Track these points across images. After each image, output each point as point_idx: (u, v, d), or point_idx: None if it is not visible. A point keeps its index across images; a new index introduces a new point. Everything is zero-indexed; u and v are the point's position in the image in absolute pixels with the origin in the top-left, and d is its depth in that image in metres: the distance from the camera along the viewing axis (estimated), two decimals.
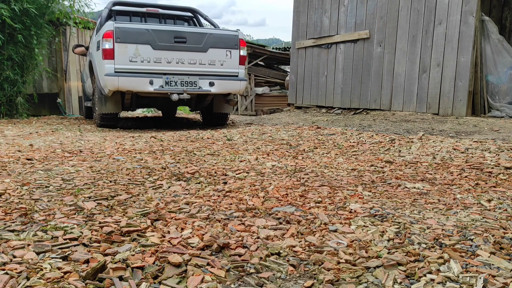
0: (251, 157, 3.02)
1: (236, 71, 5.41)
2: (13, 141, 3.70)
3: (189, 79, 5.14)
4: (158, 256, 1.22)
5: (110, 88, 4.92)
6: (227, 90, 5.38)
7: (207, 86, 5.23)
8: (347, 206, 1.79)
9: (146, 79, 4.94)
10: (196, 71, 5.19)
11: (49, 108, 8.65)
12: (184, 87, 5.10)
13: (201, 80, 5.19)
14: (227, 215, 1.63)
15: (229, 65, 5.34)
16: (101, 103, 5.22)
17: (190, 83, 5.15)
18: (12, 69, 6.71)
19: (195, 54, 5.15)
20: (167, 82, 5.03)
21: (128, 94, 5.16)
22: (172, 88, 5.05)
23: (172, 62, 5.05)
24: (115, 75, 4.85)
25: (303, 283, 1.10)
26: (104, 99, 5.19)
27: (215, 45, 5.25)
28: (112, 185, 2.11)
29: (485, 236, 1.46)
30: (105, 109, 5.24)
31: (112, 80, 4.87)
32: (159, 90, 4.98)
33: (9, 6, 6.24)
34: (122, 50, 4.88)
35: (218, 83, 5.27)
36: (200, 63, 5.18)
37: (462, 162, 2.95)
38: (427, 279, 1.12)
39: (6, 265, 1.14)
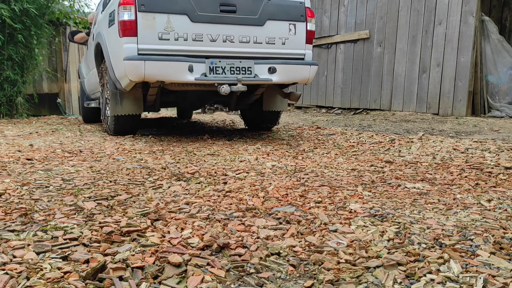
0: (251, 157, 3.02)
1: (302, 52, 3.88)
2: (13, 141, 3.70)
3: (241, 64, 3.60)
4: (158, 256, 1.22)
5: (132, 77, 3.42)
6: (293, 79, 3.83)
7: (265, 74, 3.68)
8: (347, 206, 1.79)
9: (184, 64, 3.43)
10: (250, 53, 3.69)
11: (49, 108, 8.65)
12: (236, 75, 3.58)
13: (258, 66, 3.66)
14: (227, 215, 1.63)
15: (293, 43, 3.82)
16: (115, 102, 3.83)
17: (243, 70, 3.62)
18: (12, 69, 6.71)
19: (249, 29, 3.65)
20: (211, 69, 3.50)
21: (154, 88, 3.68)
22: (220, 77, 3.52)
23: (218, 40, 3.54)
24: (139, 59, 3.35)
25: (303, 283, 1.10)
26: (119, 95, 3.81)
27: (274, 16, 3.74)
28: (112, 185, 2.11)
29: (485, 236, 1.46)
30: (121, 109, 3.85)
31: (135, 66, 3.36)
32: (201, 79, 3.45)
33: (9, 6, 6.24)
34: (149, 22, 3.39)
35: (282, 69, 3.72)
36: (255, 41, 3.68)
37: (462, 162, 2.95)
38: (427, 279, 1.12)
39: (6, 265, 1.14)
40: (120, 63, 3.49)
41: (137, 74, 3.40)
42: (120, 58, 3.47)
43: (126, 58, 3.39)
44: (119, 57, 3.50)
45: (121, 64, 3.48)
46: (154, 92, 3.81)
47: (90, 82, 5.52)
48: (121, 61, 3.45)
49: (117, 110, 3.88)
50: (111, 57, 3.76)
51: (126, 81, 3.55)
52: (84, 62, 6.28)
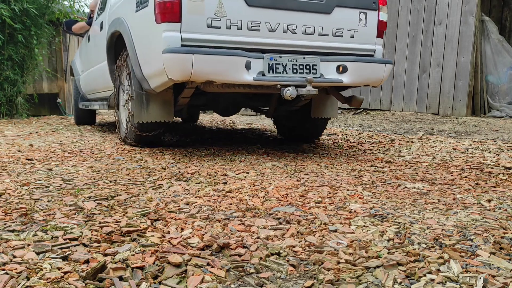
0: (251, 157, 3.02)
1: (372, 48, 3.13)
2: (13, 141, 3.70)
3: (305, 61, 2.86)
4: (158, 256, 1.22)
5: (173, 75, 2.62)
6: (365, 80, 3.08)
7: (333, 73, 2.94)
8: (347, 206, 1.79)
9: (241, 59, 2.67)
10: (314, 47, 2.94)
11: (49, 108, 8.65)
12: (299, 75, 2.83)
13: (324, 63, 2.92)
14: (227, 215, 1.63)
15: (362, 37, 3.08)
16: (140, 106, 3.07)
17: (307, 68, 2.87)
18: (12, 69, 6.71)
19: (314, 17, 2.91)
20: (270, 66, 2.76)
21: (190, 89, 2.92)
22: (282, 77, 2.78)
23: (278, 30, 2.81)
24: (186, 52, 2.55)
25: (303, 283, 1.10)
26: (145, 98, 3.06)
27: (343, 2, 3.02)
28: (112, 185, 2.11)
29: (485, 236, 1.46)
30: (147, 115, 3.08)
31: (179, 60, 2.57)
32: (261, 80, 2.72)
33: (9, 6, 6.24)
34: (196, 5, 2.64)
35: (354, 67, 2.96)
36: (320, 32, 2.93)
37: (462, 162, 2.95)
38: (427, 279, 1.12)
39: (6, 265, 1.14)
40: (152, 57, 2.77)
41: (181, 71, 2.58)
42: (153, 50, 2.73)
43: (166, 50, 2.56)
44: (152, 49, 2.75)
45: (155, 58, 2.72)
46: (189, 94, 3.01)
47: (88, 80, 4.91)
48: (155, 55, 2.69)
49: (142, 116, 3.07)
50: (137, 50, 2.99)
51: (160, 80, 2.78)
52: (79, 56, 5.52)
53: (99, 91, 4.55)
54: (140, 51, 2.99)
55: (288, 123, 4.11)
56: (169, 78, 2.65)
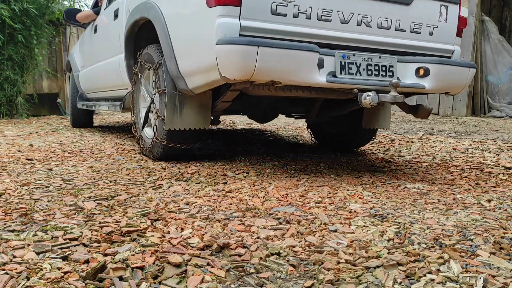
0: (251, 157, 3.02)
1: (450, 48, 2.66)
2: (13, 141, 3.70)
3: (380, 61, 2.39)
4: (158, 256, 1.22)
5: (230, 73, 2.09)
6: (447, 86, 2.56)
7: (411, 77, 2.46)
8: (347, 206, 1.79)
9: (313, 55, 2.15)
10: (390, 45, 2.47)
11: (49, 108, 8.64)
12: (375, 77, 2.35)
13: (401, 64, 2.45)
14: (227, 215, 1.64)
15: (441, 34, 2.61)
16: (172, 110, 2.56)
17: (383, 70, 2.39)
18: (12, 69, 6.70)
19: (392, 8, 2.44)
20: (343, 66, 2.26)
21: (234, 91, 2.45)
22: (359, 80, 2.29)
23: (351, 21, 2.33)
24: (249, 43, 2.05)
25: (303, 283, 1.10)
26: (179, 100, 2.57)
27: None
28: (112, 185, 2.11)
29: (485, 236, 1.46)
30: (181, 121, 2.59)
31: (240, 54, 2.04)
32: (335, 82, 2.21)
33: (9, 6, 6.24)
34: None
35: (436, 71, 2.44)
36: (397, 27, 2.46)
37: (462, 162, 2.95)
38: (427, 279, 1.12)
39: (6, 265, 1.14)
40: (196, 50, 2.28)
41: (242, 68, 2.03)
42: (198, 41, 2.25)
43: (222, 41, 2.04)
44: (196, 39, 2.26)
45: (200, 51, 2.24)
46: (232, 98, 2.55)
47: (91, 77, 4.41)
48: (201, 47, 2.22)
49: (175, 122, 2.55)
50: (174, 41, 2.46)
51: (206, 79, 2.26)
52: (79, 50, 4.97)
53: (107, 89, 4.04)
54: (177, 43, 2.45)
55: (330, 129, 3.62)
56: (222, 76, 2.07)
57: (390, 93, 2.23)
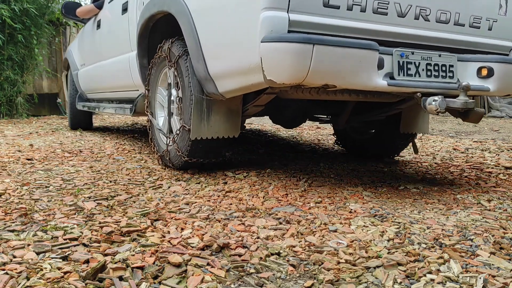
0: (251, 157, 3.02)
1: (509, 45, 2.36)
2: (13, 141, 3.70)
3: (440, 60, 2.08)
4: (158, 256, 1.22)
5: (277, 76, 1.76)
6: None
7: (473, 78, 2.16)
8: (347, 206, 1.79)
9: (372, 54, 1.84)
10: (449, 41, 2.15)
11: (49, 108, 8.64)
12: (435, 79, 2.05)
13: (461, 64, 2.15)
14: (227, 215, 1.64)
15: (500, 30, 2.30)
16: (199, 116, 2.26)
17: (443, 70, 2.10)
18: (12, 69, 6.71)
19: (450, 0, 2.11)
20: (401, 66, 1.97)
21: (270, 95, 2.20)
22: (421, 82, 1.99)
23: (408, 15, 2.02)
24: (302, 40, 1.71)
25: (303, 283, 1.10)
26: (207, 106, 2.27)
27: None
28: (112, 185, 2.11)
29: (485, 236, 1.46)
30: (208, 129, 2.28)
31: (293, 53, 1.71)
32: (397, 85, 1.92)
33: (9, 6, 6.24)
34: None
35: (502, 71, 2.16)
36: (456, 21, 2.15)
37: (462, 162, 2.95)
38: (427, 279, 1.12)
39: (6, 265, 1.14)
40: (232, 49, 1.99)
41: (294, 70, 1.72)
42: (235, 38, 1.94)
43: (269, 38, 1.72)
44: (233, 36, 1.96)
45: (237, 50, 1.94)
46: (265, 102, 2.29)
47: (93, 76, 4.12)
48: (240, 44, 1.91)
49: (202, 131, 2.25)
50: (202, 38, 2.15)
51: (243, 82, 1.96)
52: (78, 47, 4.70)
53: (112, 90, 3.73)
54: (207, 41, 2.14)
55: (357, 135, 3.23)
56: (267, 79, 1.75)
57: (460, 98, 1.94)
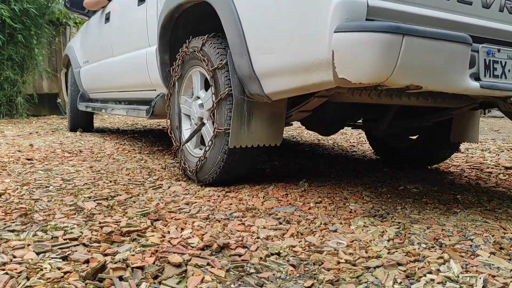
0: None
1: None
2: (13, 141, 3.70)
3: None
4: (158, 256, 1.22)
5: (354, 74, 1.41)
6: None
7: None
8: (347, 206, 1.79)
9: (465, 49, 1.49)
10: None
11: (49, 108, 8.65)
12: None
13: None
14: (227, 215, 1.64)
15: None
16: (239, 121, 1.95)
17: None
18: (12, 69, 6.71)
19: None
20: (487, 65, 1.60)
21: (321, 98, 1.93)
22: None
23: (493, 6, 1.75)
24: (390, 30, 1.35)
25: (303, 283, 1.10)
26: (247, 109, 1.97)
27: None
28: (112, 185, 2.11)
29: (485, 236, 1.46)
30: (248, 136, 1.97)
31: (377, 46, 1.35)
32: (492, 88, 1.56)
33: (9, 6, 6.24)
34: None
35: None
36: None
37: (462, 162, 2.95)
38: (427, 279, 1.12)
39: (6, 265, 1.14)
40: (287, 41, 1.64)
41: (376, 66, 1.41)
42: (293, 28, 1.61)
43: (343, 27, 1.42)
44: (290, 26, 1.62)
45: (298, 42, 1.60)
46: (315, 106, 2.01)
47: (98, 74, 3.80)
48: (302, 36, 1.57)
49: (241, 137, 1.93)
50: (248, 28, 1.82)
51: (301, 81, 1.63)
52: (80, 42, 4.38)
53: (122, 89, 3.39)
54: (254, 31, 1.80)
55: (397, 143, 2.93)
56: (338, 78, 1.43)
57: None
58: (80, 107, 4.40)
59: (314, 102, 1.96)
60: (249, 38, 1.83)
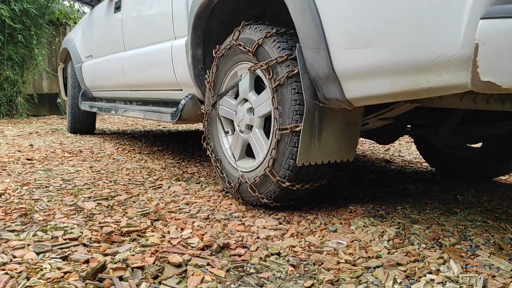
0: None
1: None
2: (13, 141, 3.70)
3: None
4: (158, 256, 1.22)
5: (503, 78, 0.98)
6: None
7: None
8: (347, 206, 1.79)
9: None
10: None
11: (49, 108, 8.64)
12: None
13: None
14: (227, 215, 1.64)
15: None
16: (310, 133, 1.53)
17: None
18: (12, 69, 6.71)
19: None
20: None
21: (412, 104, 1.56)
22: None
23: None
24: None
25: (303, 283, 1.10)
26: (319, 118, 1.54)
27: None
28: (112, 185, 2.11)
29: (485, 236, 1.46)
30: (319, 150, 1.57)
31: None
32: None
33: (9, 6, 6.24)
34: None
35: None
36: None
37: None
38: (427, 279, 1.12)
39: (6, 265, 1.14)
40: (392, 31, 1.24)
41: None
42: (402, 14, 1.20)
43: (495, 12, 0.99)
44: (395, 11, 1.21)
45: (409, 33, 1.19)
46: (398, 114, 1.71)
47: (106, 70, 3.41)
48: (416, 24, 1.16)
49: (311, 153, 1.59)
50: (327, 14, 1.42)
51: (404, 83, 1.25)
52: (82, 34, 3.99)
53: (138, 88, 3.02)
54: (340, 18, 1.38)
55: (458, 151, 2.52)
56: (482, 80, 1.06)
57: None
58: (83, 107, 4.00)
59: (402, 108, 1.60)
60: (330, 27, 1.40)
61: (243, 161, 1.87)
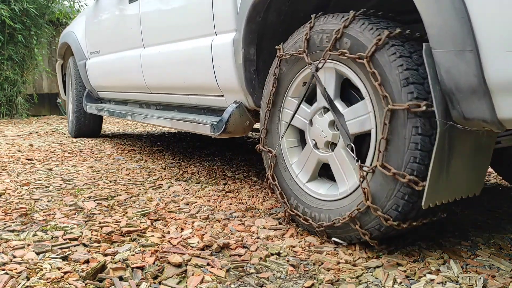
0: (251, 157, 3.02)
1: None
2: (13, 141, 3.70)
3: None
4: (158, 256, 1.22)
5: None
6: None
7: None
8: None
9: None
10: None
11: (49, 108, 8.64)
12: None
13: None
14: (227, 215, 1.64)
15: None
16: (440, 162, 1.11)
17: None
18: (12, 69, 6.71)
19: None
20: None
21: None
22: None
23: None
24: None
25: (303, 283, 1.10)
26: (448, 141, 1.11)
27: None
28: (112, 185, 2.11)
29: (485, 236, 1.46)
30: (447, 185, 1.14)
31: None
32: None
33: (9, 6, 6.24)
34: None
35: None
36: None
37: None
38: (427, 279, 1.12)
39: (6, 265, 1.14)
40: None
41: None
42: None
43: None
44: None
45: None
46: None
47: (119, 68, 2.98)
48: None
49: (439, 190, 1.14)
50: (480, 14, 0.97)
51: None
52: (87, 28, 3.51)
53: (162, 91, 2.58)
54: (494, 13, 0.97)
55: None
56: None
57: None
58: (89, 110, 3.54)
59: None
60: (485, 21, 1.00)
61: (316, 184, 1.49)
